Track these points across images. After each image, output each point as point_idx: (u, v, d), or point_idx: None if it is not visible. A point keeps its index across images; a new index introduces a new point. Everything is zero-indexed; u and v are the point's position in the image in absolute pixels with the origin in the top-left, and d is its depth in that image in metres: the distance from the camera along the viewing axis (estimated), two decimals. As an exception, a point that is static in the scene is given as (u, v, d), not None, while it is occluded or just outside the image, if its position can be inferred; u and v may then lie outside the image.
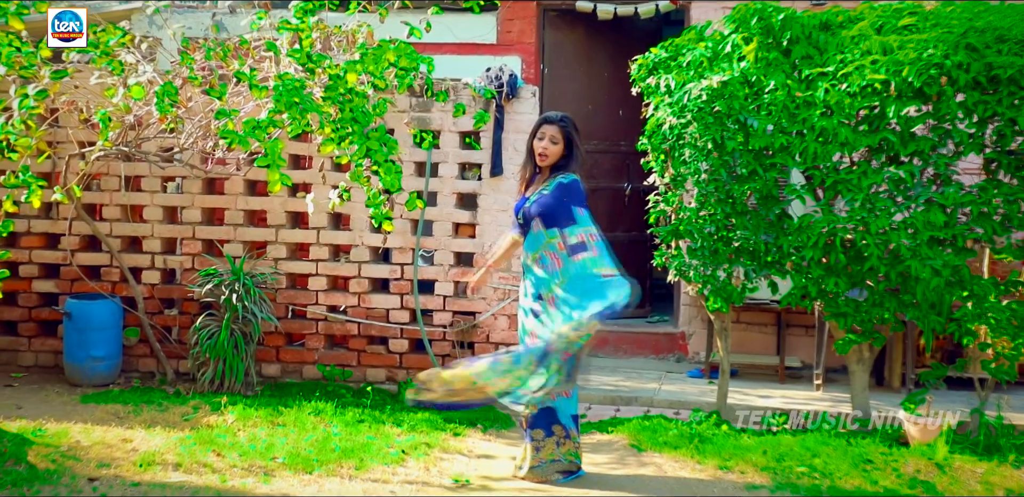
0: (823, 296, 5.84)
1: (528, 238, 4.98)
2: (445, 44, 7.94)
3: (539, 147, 4.96)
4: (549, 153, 4.95)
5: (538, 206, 4.94)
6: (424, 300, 6.82)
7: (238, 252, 6.88)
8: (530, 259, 4.96)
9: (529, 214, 4.96)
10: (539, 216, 4.91)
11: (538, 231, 4.92)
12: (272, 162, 5.19)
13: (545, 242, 4.91)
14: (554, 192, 4.91)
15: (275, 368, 6.95)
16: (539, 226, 4.91)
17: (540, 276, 4.92)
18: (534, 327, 4.93)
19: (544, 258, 4.91)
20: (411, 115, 6.78)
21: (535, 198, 4.97)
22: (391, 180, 5.36)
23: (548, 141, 4.95)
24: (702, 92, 5.68)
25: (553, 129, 4.96)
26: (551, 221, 4.89)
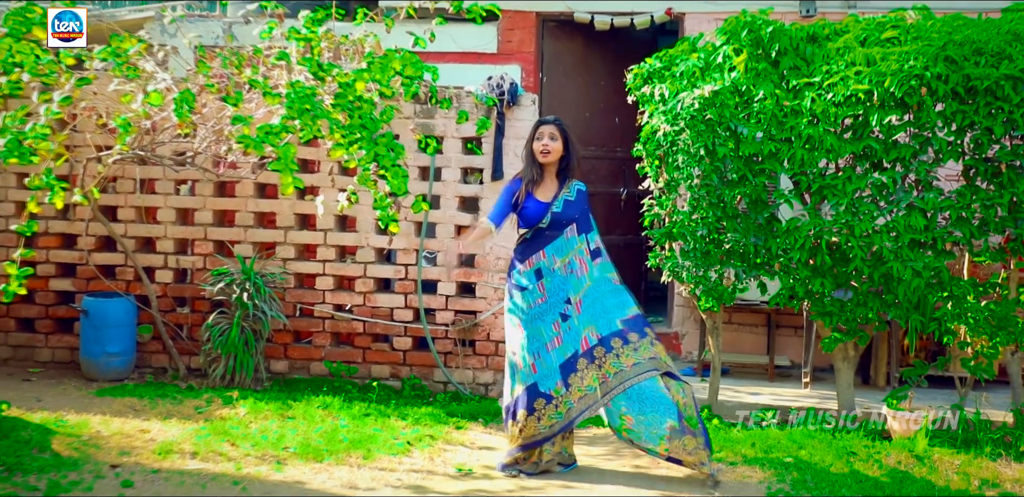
0: (810, 296, 6.12)
1: (557, 242, 5.23)
2: (448, 53, 8.20)
3: (540, 145, 5.24)
4: (551, 149, 5.24)
5: (570, 212, 5.27)
6: (427, 299, 7.08)
7: (248, 253, 7.14)
8: (558, 262, 5.22)
9: (559, 218, 5.24)
10: (575, 222, 5.23)
11: (571, 237, 5.24)
12: (285, 166, 5.45)
13: (576, 247, 5.24)
14: (580, 199, 5.30)
15: (283, 364, 7.21)
16: (572, 232, 5.24)
17: (568, 279, 5.20)
18: (561, 332, 5.18)
19: (573, 262, 5.22)
20: (415, 121, 7.05)
21: (561, 203, 5.25)
22: (398, 184, 5.62)
23: (548, 138, 5.24)
24: (694, 101, 5.96)
25: (551, 128, 5.28)
26: (582, 227, 5.25)
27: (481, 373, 7.02)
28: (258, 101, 6.37)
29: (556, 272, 5.23)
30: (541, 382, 5.20)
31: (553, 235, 5.25)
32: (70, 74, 5.79)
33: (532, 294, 5.24)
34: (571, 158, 5.32)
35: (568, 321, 5.19)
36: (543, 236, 5.27)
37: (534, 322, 5.23)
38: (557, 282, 5.23)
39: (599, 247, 5.33)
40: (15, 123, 5.42)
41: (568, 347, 5.18)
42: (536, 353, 5.21)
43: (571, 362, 5.18)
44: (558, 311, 5.21)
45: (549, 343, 5.20)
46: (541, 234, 5.27)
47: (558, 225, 5.25)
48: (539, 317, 5.23)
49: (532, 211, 5.27)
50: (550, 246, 5.25)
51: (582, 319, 5.19)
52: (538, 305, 5.23)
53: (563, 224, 5.25)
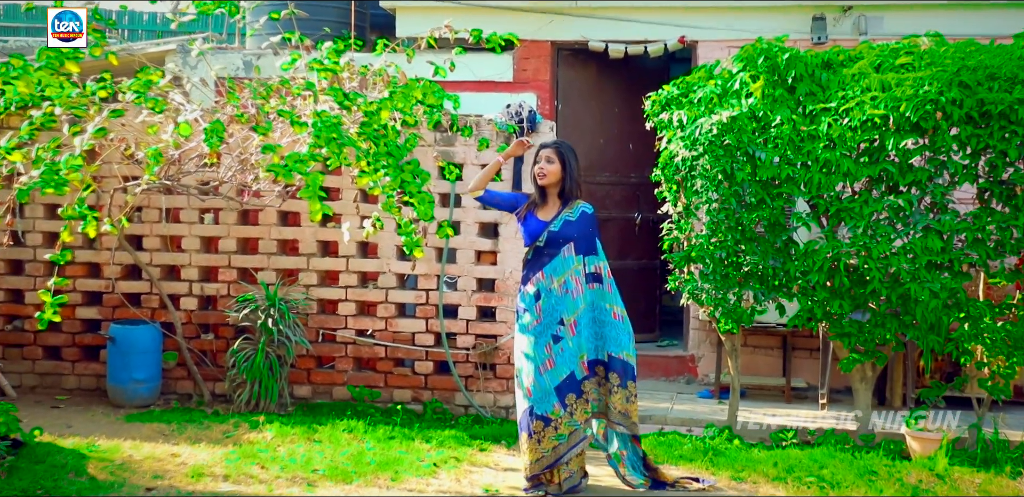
0: (828, 318, 6.21)
1: (555, 262, 5.33)
2: (465, 82, 8.34)
3: (536, 168, 5.40)
4: (547, 172, 5.37)
5: (568, 231, 5.35)
6: (448, 324, 7.17)
7: (271, 279, 7.24)
8: (555, 283, 5.32)
9: (556, 237, 5.34)
10: (572, 242, 5.31)
11: (567, 256, 5.32)
12: (313, 193, 5.56)
13: (572, 267, 5.32)
14: (582, 220, 5.36)
15: (306, 389, 7.29)
16: (570, 251, 5.32)
17: (563, 299, 5.29)
18: (553, 354, 5.27)
19: (569, 282, 5.30)
20: (436, 149, 7.18)
21: (560, 223, 5.36)
22: (424, 210, 5.74)
23: (544, 161, 5.39)
24: (712, 126, 6.09)
25: (548, 151, 5.43)
26: (580, 248, 5.33)
27: (502, 396, 7.10)
28: (282, 131, 6.50)
29: (553, 292, 5.32)
30: (537, 405, 5.28)
31: (551, 254, 5.35)
32: (99, 106, 5.93)
33: (532, 315, 5.34)
34: (570, 181, 5.43)
35: (561, 343, 5.27)
36: (542, 256, 5.38)
37: (532, 345, 5.33)
38: (552, 302, 5.31)
39: (599, 272, 5.38)
40: (48, 154, 5.54)
41: (562, 369, 5.26)
42: (532, 375, 5.31)
43: (569, 384, 5.26)
44: (550, 333, 5.30)
45: (542, 365, 5.28)
46: (540, 253, 5.39)
47: (555, 244, 5.35)
48: (536, 339, 5.32)
49: (532, 228, 5.41)
50: (548, 266, 5.34)
51: (576, 341, 5.28)
52: (534, 327, 5.33)
53: (560, 243, 5.34)
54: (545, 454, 5.27)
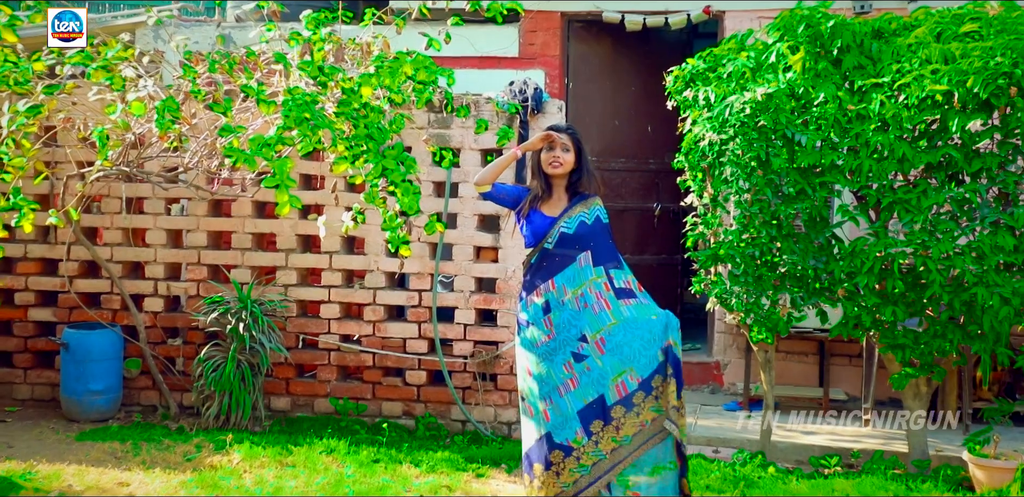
0: (878, 326, 5.39)
1: (569, 270, 4.52)
2: (465, 58, 7.54)
3: (550, 156, 4.57)
4: (564, 161, 4.57)
5: (584, 235, 4.57)
6: (443, 329, 6.38)
7: (245, 278, 6.46)
8: (569, 294, 4.50)
9: (569, 239, 4.54)
10: (589, 250, 4.53)
11: (584, 266, 4.52)
12: (281, 182, 4.78)
13: (590, 279, 4.52)
14: (598, 228, 4.62)
15: (285, 401, 6.52)
16: (587, 260, 4.52)
17: (582, 314, 4.49)
18: (576, 373, 4.47)
19: (588, 296, 4.50)
20: (429, 132, 6.37)
21: (575, 223, 4.57)
22: (409, 202, 4.94)
23: (560, 149, 4.56)
24: (745, 105, 5.26)
25: (564, 137, 4.59)
26: (600, 258, 4.55)
27: (503, 411, 6.31)
28: (255, 110, 5.72)
29: (567, 305, 4.50)
30: (556, 431, 4.47)
31: (564, 261, 4.53)
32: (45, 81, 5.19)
33: (540, 330, 4.53)
34: (583, 172, 4.63)
35: (586, 362, 4.45)
36: (551, 260, 4.55)
37: (543, 362, 4.50)
38: (567, 317, 4.49)
39: (629, 288, 4.59)
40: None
41: (588, 390, 4.45)
42: (547, 398, 4.48)
43: (595, 408, 4.46)
44: (570, 350, 4.47)
45: (562, 386, 4.47)
46: (548, 257, 4.56)
47: (567, 245, 4.54)
48: (548, 357, 4.49)
49: (537, 225, 4.58)
50: (560, 275, 4.53)
51: (609, 360, 4.47)
52: (545, 343, 4.50)
53: (573, 247, 4.54)
54: (565, 489, 4.46)
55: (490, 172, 4.62)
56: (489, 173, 4.62)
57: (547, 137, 4.58)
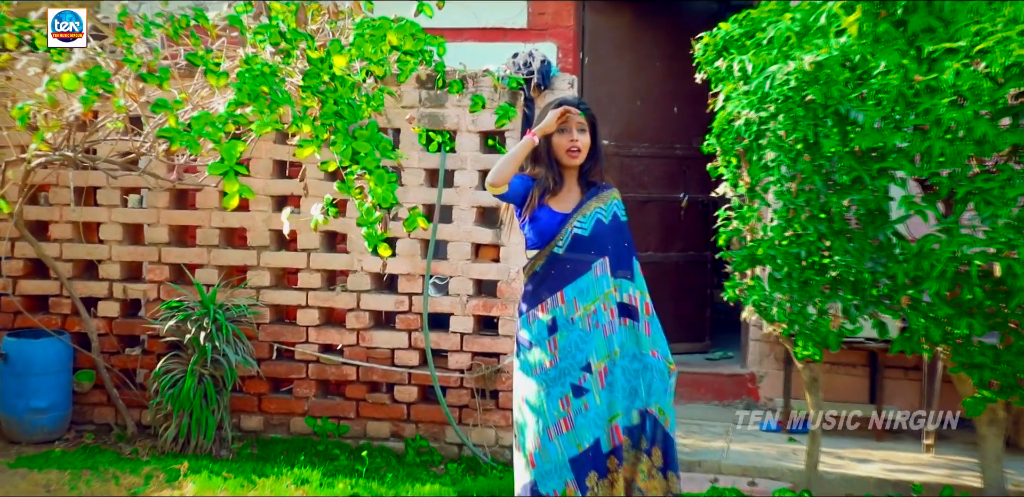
0: (949, 341, 4.50)
1: (582, 280, 3.71)
2: (466, 29, 6.69)
3: (567, 141, 3.75)
4: (582, 145, 3.75)
5: (602, 236, 3.78)
6: (437, 338, 5.55)
7: (212, 279, 5.66)
8: (579, 310, 3.68)
9: (585, 242, 3.74)
10: (607, 255, 3.74)
11: (601, 275, 3.71)
12: (229, 169, 3.96)
13: (605, 292, 3.69)
14: (617, 227, 3.81)
15: (257, 420, 5.70)
16: (604, 269, 3.71)
17: (592, 336, 3.67)
18: (572, 412, 3.64)
19: (601, 313, 3.68)
20: (420, 111, 5.52)
21: (591, 221, 3.75)
22: (383, 192, 4.10)
23: (576, 130, 3.73)
24: (789, 76, 4.36)
25: (580, 117, 3.77)
26: (615, 265, 3.75)
27: (506, 433, 5.47)
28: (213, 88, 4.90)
29: (577, 324, 3.69)
30: (542, 481, 3.65)
31: (576, 269, 3.72)
32: None
33: (544, 352, 3.70)
34: (600, 156, 3.80)
35: (585, 397, 3.65)
36: (561, 268, 3.74)
37: (541, 393, 3.69)
38: (575, 339, 3.68)
39: (633, 304, 3.76)
40: None
41: (584, 434, 3.64)
42: (537, 438, 3.67)
43: (592, 457, 3.64)
44: (569, 381, 3.67)
45: (553, 427, 3.65)
46: (558, 264, 3.75)
47: (582, 249, 3.73)
48: (547, 388, 3.68)
49: (545, 224, 3.76)
50: (572, 286, 3.71)
51: (607, 397, 3.66)
52: (545, 370, 3.69)
53: (588, 250, 3.73)
54: None
55: (507, 168, 3.72)
56: (507, 169, 3.72)
57: (565, 113, 3.73)
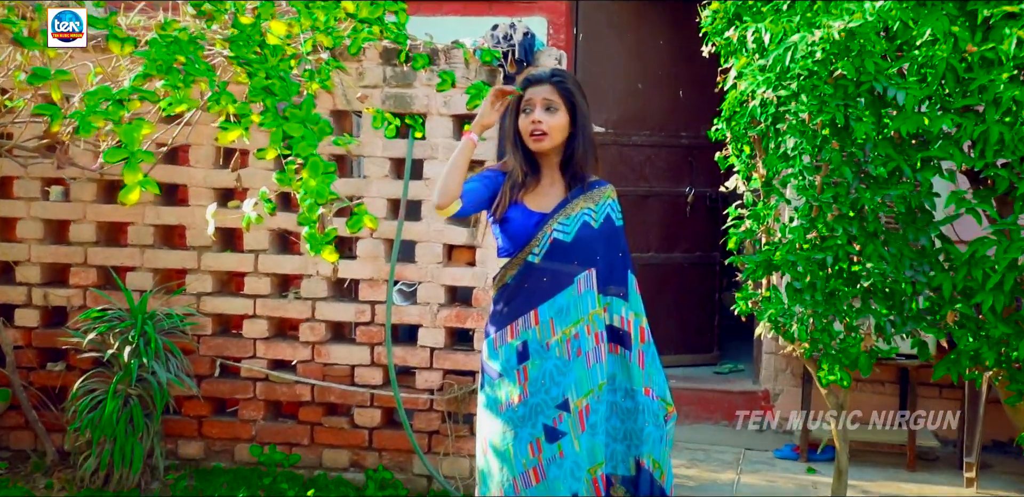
0: (1005, 364, 3.75)
1: (562, 296, 3.00)
2: (446, 1, 5.97)
3: (528, 122, 3.04)
4: (548, 127, 3.03)
5: (589, 241, 3.07)
6: (403, 353, 4.83)
7: (146, 284, 4.94)
8: (557, 334, 2.96)
9: (566, 248, 3.03)
10: (594, 266, 3.03)
11: (585, 291, 2.99)
12: (131, 157, 3.23)
13: (590, 312, 2.97)
14: (609, 228, 3.09)
15: (196, 447, 4.98)
16: (588, 283, 2.99)
17: (571, 366, 2.95)
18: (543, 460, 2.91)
19: (584, 338, 2.97)
20: (385, 91, 4.79)
21: (576, 223, 3.03)
22: (317, 185, 3.36)
23: (541, 109, 3.02)
24: (814, 47, 3.61)
25: (545, 90, 3.07)
26: (607, 279, 3.05)
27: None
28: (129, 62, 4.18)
29: (552, 351, 2.98)
30: None
31: (555, 282, 3.02)
32: None
33: (511, 384, 2.98)
34: (581, 142, 3.06)
35: (560, 442, 2.93)
36: (536, 280, 3.04)
37: (508, 434, 2.97)
38: (550, 369, 2.97)
39: (626, 329, 3.05)
40: None
41: (556, 487, 2.92)
42: (500, 491, 2.97)
43: None
44: (542, 421, 2.95)
45: (520, 478, 2.95)
46: (533, 275, 3.04)
47: (562, 257, 3.02)
48: (515, 429, 2.96)
49: (518, 226, 3.07)
50: (549, 303, 3.00)
51: (591, 441, 2.95)
52: (512, 407, 2.97)
53: (571, 259, 3.02)
54: None
55: (451, 182, 3.00)
56: (451, 184, 3.00)
57: (497, 96, 3.01)
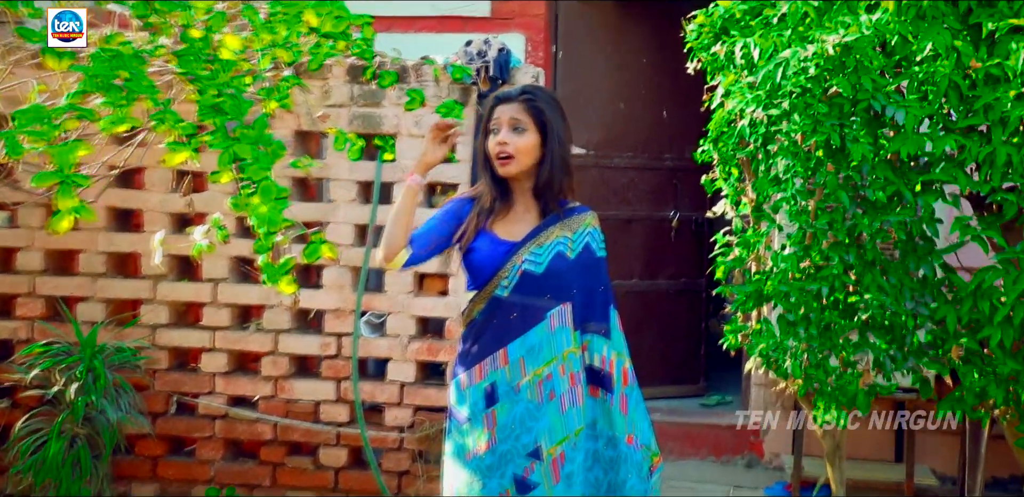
0: (1012, 403, 3.49)
1: (533, 334, 2.72)
2: (420, 18, 5.71)
3: (494, 144, 2.77)
4: (515, 149, 2.76)
5: (563, 273, 2.78)
6: (371, 389, 4.54)
7: (99, 315, 4.64)
8: (528, 375, 2.69)
9: (537, 282, 2.75)
10: (570, 300, 2.75)
11: (558, 327, 2.72)
12: (65, 179, 2.95)
13: (565, 351, 2.69)
14: (588, 258, 2.81)
15: (150, 489, 4.67)
16: (564, 319, 2.72)
17: (543, 411, 2.68)
18: None
19: (558, 380, 2.69)
20: (353, 111, 4.53)
21: (549, 253, 2.76)
22: (269, 211, 3.08)
23: (507, 129, 2.74)
24: (808, 63, 3.37)
25: (513, 108, 2.78)
26: (585, 314, 2.77)
27: (455, 506, 4.44)
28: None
29: (522, 394, 2.71)
30: None
31: (526, 318, 2.74)
32: None
33: (477, 430, 2.71)
34: (551, 164, 2.77)
35: (531, 495, 2.65)
36: (504, 316, 2.76)
37: (474, 485, 2.69)
38: (520, 414, 2.70)
39: (607, 370, 2.76)
40: None
41: None
42: None
43: None
44: (512, 471, 2.67)
45: None
46: (500, 311, 2.77)
47: (533, 291, 2.75)
48: (481, 479, 2.69)
49: (485, 257, 2.80)
50: (519, 342, 2.72)
51: (567, 491, 2.68)
52: (478, 456, 2.70)
53: (543, 293, 2.75)
54: None
55: (396, 231, 2.78)
56: (396, 234, 2.78)
57: (436, 133, 2.77)
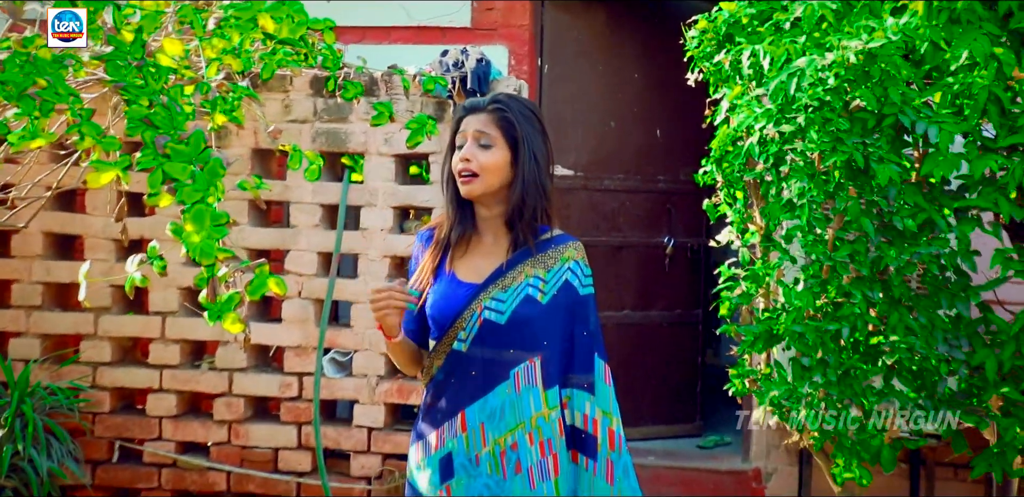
0: (1060, 461, 3.06)
1: (493, 396, 2.26)
2: (395, 28, 5.29)
3: (455, 161, 2.34)
4: (479, 167, 2.31)
5: (530, 323, 2.30)
6: (335, 434, 4.10)
7: (34, 352, 4.20)
8: (488, 444, 2.25)
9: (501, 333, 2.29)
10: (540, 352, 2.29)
11: (525, 389, 2.28)
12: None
13: (532, 416, 2.24)
14: (565, 299, 2.35)
15: (89, 546, 4.22)
16: (531, 377, 2.27)
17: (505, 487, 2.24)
18: None
19: (525, 450, 2.24)
20: (316, 127, 4.10)
21: (512, 300, 2.30)
22: (201, 241, 2.64)
23: (472, 144, 2.31)
24: (826, 73, 2.96)
25: (479, 120, 2.33)
26: (563, 366, 2.31)
27: (427, 567, 3.99)
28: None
29: (482, 467, 2.26)
30: None
31: (487, 374, 2.29)
32: None
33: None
34: (522, 183, 2.32)
35: None
36: (464, 374, 2.32)
37: None
38: (479, 490, 2.26)
39: (591, 431, 2.30)
40: None
41: None
42: None
43: None
44: None
45: None
46: (459, 367, 2.32)
47: (495, 343, 2.29)
48: None
49: (443, 302, 2.34)
50: (478, 405, 2.28)
51: None
52: None
53: (507, 347, 2.29)
54: None
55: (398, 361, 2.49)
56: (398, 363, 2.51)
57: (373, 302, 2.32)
